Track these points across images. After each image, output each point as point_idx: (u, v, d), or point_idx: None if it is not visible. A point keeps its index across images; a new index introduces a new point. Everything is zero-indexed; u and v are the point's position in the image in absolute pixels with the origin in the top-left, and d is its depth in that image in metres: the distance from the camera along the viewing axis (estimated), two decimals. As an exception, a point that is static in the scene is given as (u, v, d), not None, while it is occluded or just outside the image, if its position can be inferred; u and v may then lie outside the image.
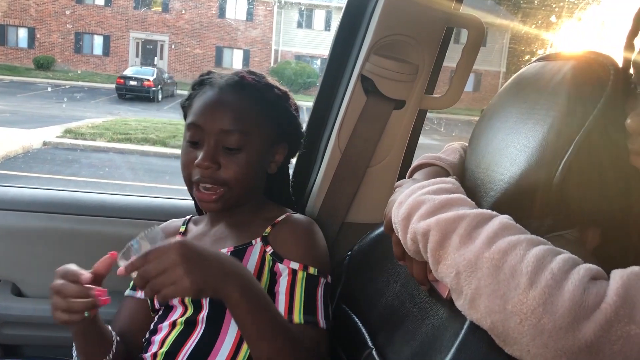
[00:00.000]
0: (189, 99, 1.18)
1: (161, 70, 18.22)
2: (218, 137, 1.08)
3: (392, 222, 0.85)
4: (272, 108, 1.15)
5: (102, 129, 10.13)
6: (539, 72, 0.87)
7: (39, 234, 1.46)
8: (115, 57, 21.95)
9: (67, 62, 21.44)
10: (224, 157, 1.09)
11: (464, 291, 0.67)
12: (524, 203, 0.79)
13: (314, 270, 1.08)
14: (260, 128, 1.13)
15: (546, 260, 0.61)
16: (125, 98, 15.72)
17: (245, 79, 1.14)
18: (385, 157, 1.37)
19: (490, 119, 0.94)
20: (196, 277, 0.85)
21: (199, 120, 1.10)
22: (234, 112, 1.10)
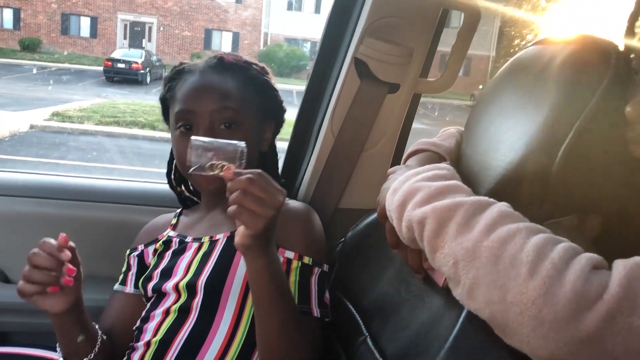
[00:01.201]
0: (169, 90, 1.17)
1: (149, 52, 18.05)
2: (211, 117, 1.08)
3: (386, 209, 0.84)
4: (255, 84, 1.16)
5: (90, 111, 10.03)
6: (536, 57, 0.85)
7: (27, 219, 1.43)
8: (103, 39, 21.69)
9: (53, 43, 21.14)
10: (221, 136, 1.06)
11: (461, 281, 0.65)
12: (522, 189, 0.78)
13: (309, 260, 1.07)
14: (249, 104, 1.13)
15: (546, 249, 0.60)
16: (113, 81, 15.58)
17: (224, 59, 1.16)
18: (379, 142, 1.35)
19: (487, 104, 0.92)
20: (268, 225, 0.84)
21: (188, 105, 1.10)
22: (221, 90, 1.10)
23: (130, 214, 1.46)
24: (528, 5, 2.28)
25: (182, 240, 1.15)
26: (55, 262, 0.88)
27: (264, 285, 0.91)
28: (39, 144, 7.90)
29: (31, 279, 0.88)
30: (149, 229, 1.26)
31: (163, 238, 1.19)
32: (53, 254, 0.88)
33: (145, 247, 1.21)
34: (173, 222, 1.23)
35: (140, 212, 1.44)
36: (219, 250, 1.08)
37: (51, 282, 0.89)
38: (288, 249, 1.07)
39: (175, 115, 1.12)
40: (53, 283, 0.89)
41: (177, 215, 1.26)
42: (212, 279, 1.04)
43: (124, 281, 1.19)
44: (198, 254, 1.10)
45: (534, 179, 0.76)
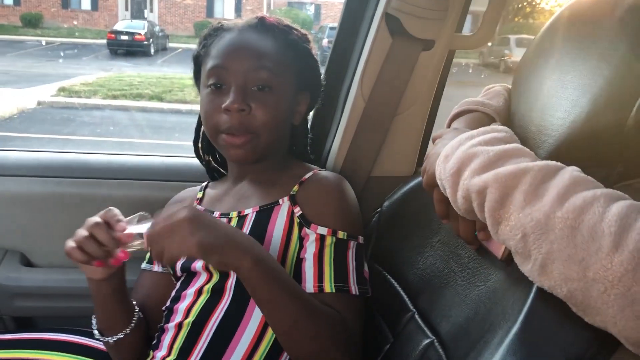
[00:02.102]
0: (204, 47, 1.10)
1: (152, 23, 17.83)
2: (246, 76, 1.01)
3: (437, 177, 0.77)
4: (295, 49, 1.09)
5: (96, 85, 9.98)
6: (595, 3, 0.77)
7: (45, 200, 1.38)
8: (105, 12, 21.45)
9: (55, 18, 20.94)
10: (253, 99, 1.01)
11: (532, 255, 0.59)
12: (590, 150, 0.71)
13: (344, 234, 1.00)
14: (286, 69, 1.06)
15: (631, 218, 0.53)
16: (117, 53, 15.48)
17: (266, 20, 1.09)
18: (414, 104, 1.26)
19: (538, 57, 0.84)
20: (202, 237, 0.79)
21: (223, 62, 1.03)
22: (260, 50, 1.04)
23: (152, 190, 1.40)
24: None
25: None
26: (112, 240, 0.87)
27: (257, 288, 0.85)
28: (48, 121, 7.87)
29: (83, 247, 0.87)
30: (174, 204, 1.20)
31: (189, 214, 1.13)
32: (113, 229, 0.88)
33: (171, 223, 1.16)
34: (199, 196, 1.17)
35: (163, 188, 1.38)
36: (250, 227, 1.02)
37: (100, 257, 0.89)
38: (321, 224, 0.99)
39: (207, 72, 1.05)
40: (101, 258, 0.89)
41: (202, 188, 1.20)
42: None
43: (151, 259, 1.15)
44: None
45: (604, 136, 0.69)
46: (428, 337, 0.85)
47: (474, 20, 1.46)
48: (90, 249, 0.87)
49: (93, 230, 0.87)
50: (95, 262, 0.89)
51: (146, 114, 8.50)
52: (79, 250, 0.88)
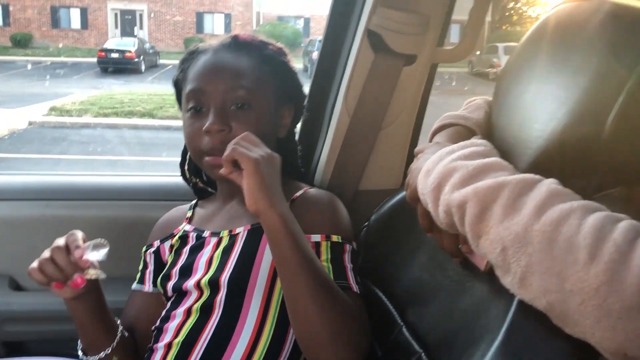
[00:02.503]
0: (182, 71, 1.11)
1: (142, 40, 17.91)
2: (224, 97, 1.02)
3: (419, 192, 0.78)
4: (271, 64, 1.10)
5: (88, 104, 9.97)
6: (572, 15, 0.78)
7: (34, 223, 1.38)
8: (94, 30, 21.51)
9: (45, 37, 20.98)
10: (233, 118, 1.02)
11: (512, 268, 0.60)
12: (568, 161, 0.72)
13: (338, 238, 1.01)
14: (264, 85, 1.07)
15: (606, 230, 0.54)
16: (108, 71, 15.50)
17: (239, 38, 1.10)
18: (398, 118, 1.28)
19: (517, 70, 0.85)
20: (263, 161, 0.88)
21: (200, 84, 1.04)
22: (235, 69, 1.05)
23: (141, 210, 1.40)
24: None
25: (200, 235, 1.10)
26: (70, 265, 0.90)
27: (283, 245, 0.87)
28: (38, 140, 7.85)
29: (42, 269, 0.91)
30: (164, 224, 1.21)
31: (179, 233, 1.14)
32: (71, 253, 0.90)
33: (161, 243, 1.16)
34: (188, 215, 1.18)
35: (152, 208, 1.39)
36: (241, 245, 1.02)
37: (59, 280, 0.91)
38: (314, 233, 1.00)
39: (186, 95, 1.06)
40: (60, 281, 0.91)
41: (192, 207, 1.20)
42: (236, 274, 0.99)
43: (141, 280, 1.15)
44: (218, 249, 1.04)
45: (581, 148, 0.70)
46: (416, 351, 0.86)
47: (462, 29, 1.48)
48: (49, 272, 0.90)
49: (54, 254, 0.91)
50: (53, 284, 0.92)
51: (137, 132, 8.50)
52: (39, 272, 0.91)
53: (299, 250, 0.87)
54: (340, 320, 0.87)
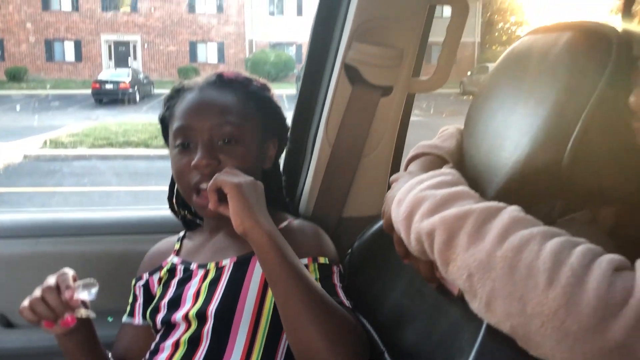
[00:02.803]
0: (168, 109, 1.15)
1: (136, 71, 18.03)
2: (211, 133, 1.06)
3: (393, 221, 0.81)
4: (256, 100, 1.14)
5: (82, 136, 10.00)
6: (533, 47, 0.82)
7: (25, 260, 1.39)
8: (88, 62, 21.67)
9: (39, 71, 21.12)
10: (221, 153, 1.06)
11: (478, 294, 0.62)
12: (532, 187, 0.75)
13: (325, 260, 1.05)
14: (250, 120, 1.11)
15: (564, 255, 0.57)
16: (102, 102, 15.57)
17: (224, 76, 1.14)
18: (378, 146, 1.31)
19: (485, 99, 0.89)
20: (245, 185, 0.94)
21: (187, 122, 1.07)
22: (221, 106, 1.08)
23: (130, 244, 1.42)
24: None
25: (187, 267, 1.12)
26: (61, 304, 0.93)
27: (273, 261, 0.90)
28: (34, 174, 7.86)
29: (33, 308, 0.93)
30: (152, 256, 1.23)
31: (167, 265, 1.16)
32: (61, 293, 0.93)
33: (150, 276, 1.18)
34: (176, 247, 1.20)
35: (140, 242, 1.41)
36: (227, 277, 1.05)
37: (49, 319, 0.94)
38: (301, 257, 1.02)
39: (173, 132, 1.09)
40: (51, 319, 0.94)
41: (179, 239, 1.23)
42: (223, 306, 1.01)
43: (131, 313, 1.17)
44: (205, 281, 1.07)
45: (544, 175, 0.73)
46: (397, 375, 0.88)
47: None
48: (39, 311, 0.93)
49: (44, 293, 0.94)
50: (44, 323, 0.94)
51: (133, 162, 8.53)
52: (29, 310, 0.94)
53: (289, 264, 0.90)
54: (337, 331, 0.89)
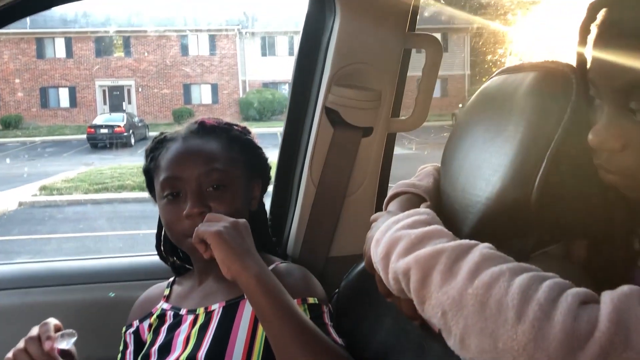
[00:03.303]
0: (152, 160, 1.17)
1: (131, 114, 18.20)
2: (199, 181, 1.08)
3: (372, 261, 0.82)
4: (239, 143, 1.16)
5: (77, 181, 10.02)
6: (502, 86, 0.86)
7: (14, 311, 1.40)
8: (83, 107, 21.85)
9: (34, 118, 21.27)
10: (211, 199, 1.08)
11: (452, 331, 0.64)
12: (505, 224, 0.77)
13: (314, 300, 1.05)
14: (235, 164, 1.13)
15: (531, 290, 0.58)
16: (97, 147, 15.63)
17: (205, 123, 1.16)
18: (361, 186, 1.34)
19: (459, 138, 0.92)
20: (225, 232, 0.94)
21: (174, 172, 1.09)
22: (207, 153, 1.10)
23: (120, 291, 1.43)
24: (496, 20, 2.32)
25: (177, 313, 1.13)
26: (44, 355, 0.96)
27: (264, 302, 0.91)
28: (29, 221, 7.86)
29: (16, 359, 0.98)
30: (142, 303, 1.24)
31: (157, 312, 1.17)
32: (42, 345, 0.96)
33: (140, 323, 1.19)
34: (166, 294, 1.21)
35: (131, 288, 1.42)
36: (216, 322, 1.05)
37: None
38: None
39: (161, 183, 1.11)
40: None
41: (169, 285, 1.24)
42: (212, 351, 1.01)
43: (122, 356, 1.17)
44: (194, 327, 1.07)
45: (514, 211, 0.75)
46: (385, 415, 0.88)
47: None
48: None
49: (27, 345, 0.97)
50: None
51: (128, 205, 8.53)
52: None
53: (280, 304, 0.91)
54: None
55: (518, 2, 2.48)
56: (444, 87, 20.59)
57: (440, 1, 1.52)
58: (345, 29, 1.21)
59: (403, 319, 0.95)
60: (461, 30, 20.13)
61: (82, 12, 21.65)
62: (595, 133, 0.65)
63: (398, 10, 1.22)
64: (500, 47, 6.71)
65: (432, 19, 2.33)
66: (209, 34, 22.43)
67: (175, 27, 22.22)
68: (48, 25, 21.11)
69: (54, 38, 21.63)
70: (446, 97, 20.45)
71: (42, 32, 21.12)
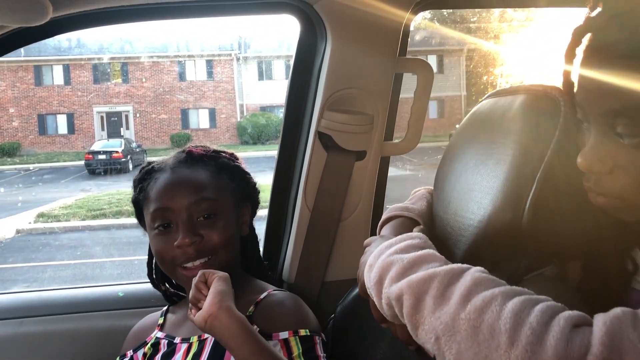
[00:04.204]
0: (141, 190, 1.17)
1: (129, 140, 18.26)
2: (189, 211, 1.08)
3: (366, 286, 0.82)
4: (227, 170, 1.17)
5: (75, 207, 10.00)
6: (492, 110, 0.86)
7: (8, 342, 1.38)
8: (81, 134, 21.91)
9: (32, 145, 21.31)
10: (202, 228, 1.08)
11: (446, 356, 0.63)
12: (497, 247, 0.77)
13: (305, 331, 1.04)
14: (224, 192, 1.13)
15: (524, 314, 0.58)
16: (95, 173, 15.64)
17: (193, 152, 1.17)
18: (356, 209, 1.34)
19: (451, 161, 0.92)
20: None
21: (164, 203, 1.09)
22: (196, 183, 1.10)
23: (115, 320, 1.42)
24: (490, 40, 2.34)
25: (171, 341, 1.12)
26: None
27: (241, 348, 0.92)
28: (27, 248, 7.81)
29: None
30: (136, 333, 1.23)
31: (151, 340, 1.16)
32: None
33: (134, 353, 1.18)
34: (160, 322, 1.20)
35: (125, 317, 1.41)
36: (209, 351, 1.05)
37: None
38: (281, 331, 1.03)
39: (151, 214, 1.11)
40: None
41: (163, 313, 1.23)
42: None
43: None
44: (188, 355, 1.07)
45: (506, 234, 0.75)
46: None
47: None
48: None
49: None
50: None
51: (126, 231, 8.50)
52: None
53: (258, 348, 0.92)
54: None
55: (509, 25, 2.52)
56: (441, 108, 20.72)
57: (435, 23, 1.54)
58: (336, 54, 1.22)
59: (399, 344, 0.94)
60: (456, 52, 20.33)
61: (77, 40, 21.83)
62: (583, 156, 0.65)
63: (388, 35, 1.23)
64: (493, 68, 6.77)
65: (426, 42, 2.37)
66: (206, 59, 22.62)
67: (172, 52, 22.42)
68: (46, 52, 21.29)
69: (52, 65, 21.79)
70: (442, 117, 20.57)
71: (40, 59, 21.28)
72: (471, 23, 12.55)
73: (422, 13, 1.29)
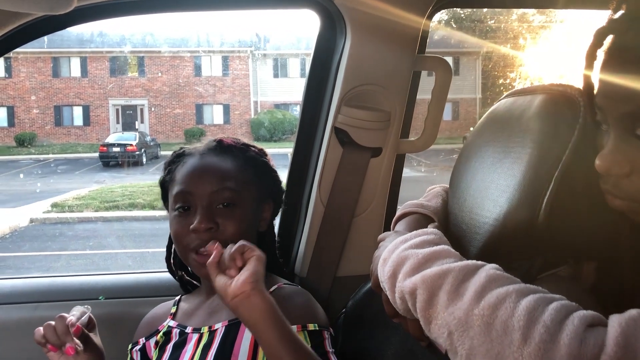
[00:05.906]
0: (169, 172, 1.19)
1: (143, 133, 18.36)
2: (210, 198, 1.09)
3: (379, 280, 0.82)
4: (254, 165, 1.18)
5: (89, 199, 10.08)
6: (510, 109, 0.86)
7: (23, 325, 1.40)
8: (96, 126, 22.07)
9: (48, 136, 21.51)
10: (219, 216, 1.08)
11: (458, 352, 0.63)
12: (512, 245, 0.77)
13: (314, 326, 1.05)
14: (248, 185, 1.14)
15: (538, 312, 0.58)
16: (109, 165, 15.76)
17: (223, 142, 1.18)
18: (369, 206, 1.35)
19: (467, 159, 0.92)
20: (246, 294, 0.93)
21: (188, 186, 1.11)
22: (221, 172, 1.12)
23: (127, 308, 1.43)
24: (507, 43, 2.33)
25: (182, 331, 1.13)
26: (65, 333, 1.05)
27: (268, 332, 0.91)
28: (40, 237, 7.90)
29: (44, 332, 1.06)
30: (149, 320, 1.24)
31: (163, 329, 1.17)
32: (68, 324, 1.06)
33: (146, 340, 1.19)
34: (172, 311, 1.21)
35: (138, 305, 1.42)
36: (218, 342, 1.06)
37: (54, 344, 1.05)
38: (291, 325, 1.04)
39: (174, 196, 1.13)
40: (55, 345, 1.05)
41: (176, 303, 1.24)
42: None
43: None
44: (199, 347, 1.08)
45: (521, 232, 0.75)
46: None
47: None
48: (47, 335, 1.05)
49: (56, 321, 1.06)
50: (49, 347, 1.06)
51: (138, 223, 8.57)
52: (40, 335, 1.06)
53: (284, 334, 0.93)
54: None
55: (528, 27, 2.51)
56: (455, 110, 20.63)
57: (452, 25, 1.54)
58: (355, 51, 1.23)
59: (410, 340, 0.95)
60: (472, 54, 20.23)
61: (98, 31, 22.01)
62: (602, 158, 0.65)
63: (408, 33, 1.23)
64: (510, 71, 6.72)
65: (443, 43, 2.36)
66: (222, 55, 22.69)
67: (188, 47, 22.51)
68: (65, 44, 21.46)
69: (70, 57, 21.97)
70: (457, 120, 20.48)
71: (58, 51, 21.46)
72: (488, 25, 12.48)
73: (438, 15, 1.28)
